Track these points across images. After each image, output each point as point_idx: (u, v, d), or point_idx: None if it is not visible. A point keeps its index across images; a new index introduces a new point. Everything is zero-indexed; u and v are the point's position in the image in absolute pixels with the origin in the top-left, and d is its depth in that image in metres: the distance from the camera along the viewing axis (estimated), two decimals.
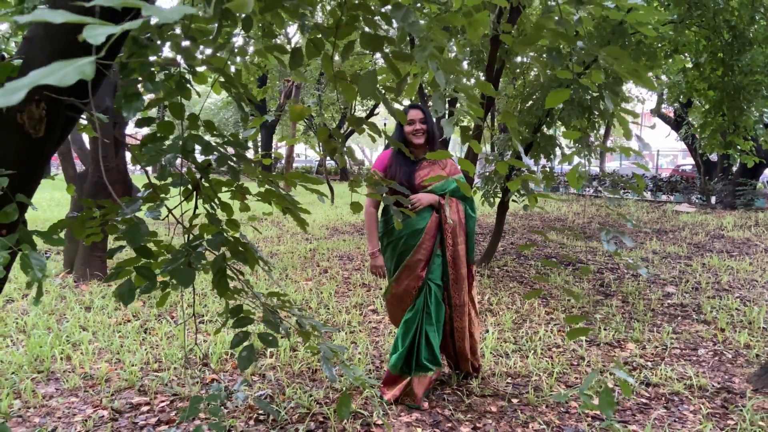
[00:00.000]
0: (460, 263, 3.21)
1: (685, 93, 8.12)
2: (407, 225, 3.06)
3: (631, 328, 4.60)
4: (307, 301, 5.19)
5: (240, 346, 2.11)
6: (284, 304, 2.28)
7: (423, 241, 3.09)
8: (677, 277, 6.63)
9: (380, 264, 3.15)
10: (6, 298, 5.09)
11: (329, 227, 10.34)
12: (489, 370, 3.64)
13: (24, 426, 2.88)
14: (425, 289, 3.13)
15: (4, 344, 3.93)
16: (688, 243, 9.21)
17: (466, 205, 3.24)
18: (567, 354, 4.02)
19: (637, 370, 3.73)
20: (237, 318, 2.14)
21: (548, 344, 4.21)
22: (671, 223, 11.92)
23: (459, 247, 3.19)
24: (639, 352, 4.10)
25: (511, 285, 6.09)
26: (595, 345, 4.28)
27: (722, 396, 3.36)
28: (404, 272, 3.12)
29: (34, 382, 3.36)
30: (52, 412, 3.03)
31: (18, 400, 3.13)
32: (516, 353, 3.98)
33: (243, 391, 3.14)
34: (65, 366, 3.61)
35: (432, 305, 3.12)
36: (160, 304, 2.25)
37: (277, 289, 5.47)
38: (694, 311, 5.20)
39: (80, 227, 1.93)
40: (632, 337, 4.40)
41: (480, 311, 5.03)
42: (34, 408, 3.07)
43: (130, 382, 3.36)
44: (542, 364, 3.75)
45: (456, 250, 3.18)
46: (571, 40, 1.73)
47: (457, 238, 3.16)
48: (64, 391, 3.28)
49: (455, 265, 3.20)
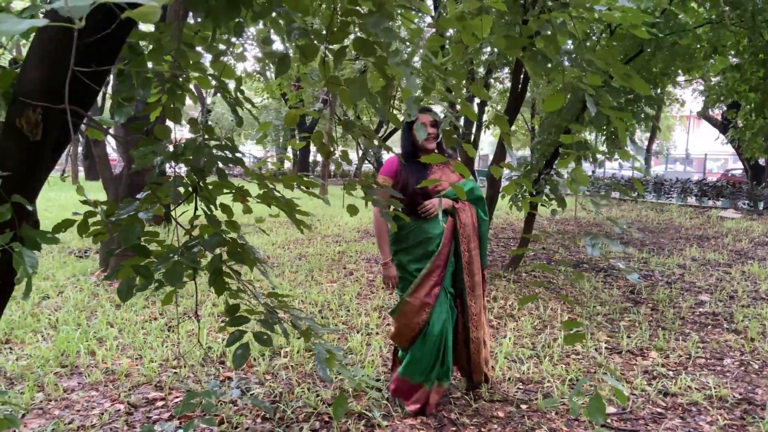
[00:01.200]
0: (475, 269, 3.14)
1: (725, 95, 7.87)
2: (421, 231, 3.03)
3: (656, 337, 4.49)
4: (328, 303, 5.24)
5: (235, 345, 2.15)
6: (282, 305, 2.32)
7: (442, 247, 3.02)
8: (713, 285, 6.43)
9: (393, 274, 3.07)
10: (43, 294, 5.31)
11: (360, 230, 10.41)
12: (501, 375, 3.62)
13: (43, 418, 3.01)
14: (445, 295, 3.08)
15: (35, 339, 4.11)
16: (730, 250, 8.91)
17: (478, 209, 3.19)
18: (585, 361, 3.96)
19: (656, 379, 3.64)
20: (233, 317, 2.19)
21: (567, 351, 4.15)
22: (714, 229, 11.55)
23: (473, 252, 3.13)
24: (661, 360, 4.00)
25: (537, 290, 6.01)
26: (616, 353, 4.20)
27: (742, 407, 3.25)
28: (423, 282, 3.02)
29: (58, 376, 3.50)
30: (71, 405, 3.15)
31: (41, 393, 3.27)
32: (531, 359, 3.93)
33: (239, 389, 3.19)
34: (89, 361, 3.75)
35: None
36: (166, 302, 2.32)
37: (276, 290, 5.54)
38: (725, 320, 5.03)
39: (84, 227, 2.01)
40: (656, 346, 4.29)
41: (500, 316, 4.99)
42: (54, 401, 3.20)
43: (148, 378, 3.46)
44: (557, 371, 3.70)
45: (471, 255, 3.12)
46: (554, 43, 1.71)
47: (471, 243, 3.10)
48: (86, 385, 3.41)
49: (471, 272, 3.13)
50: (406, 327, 3.04)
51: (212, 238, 2.06)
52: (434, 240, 3.02)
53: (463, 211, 3.10)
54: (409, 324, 3.03)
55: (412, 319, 3.01)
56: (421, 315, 3.00)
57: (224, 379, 3.50)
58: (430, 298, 3.01)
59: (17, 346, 4.01)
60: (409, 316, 3.02)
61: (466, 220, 3.08)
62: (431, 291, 3.01)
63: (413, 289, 3.01)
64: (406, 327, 3.04)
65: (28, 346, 3.96)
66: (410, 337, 3.05)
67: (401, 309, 3.04)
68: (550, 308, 5.28)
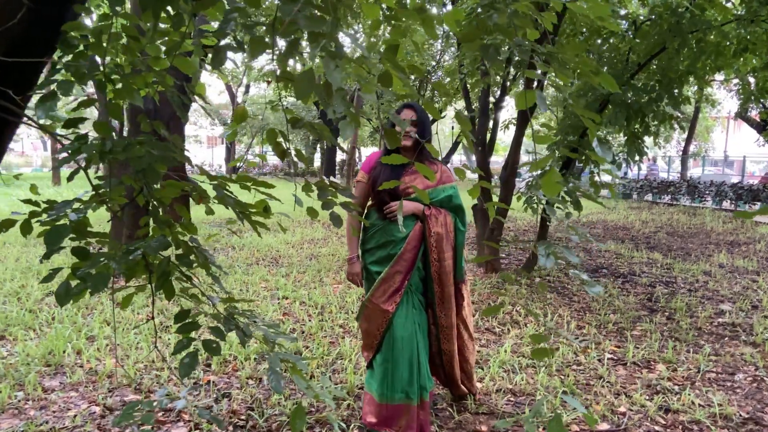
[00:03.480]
0: (446, 280, 2.94)
1: (755, 96, 7.51)
2: (386, 233, 2.88)
3: (666, 348, 4.27)
4: (329, 305, 5.14)
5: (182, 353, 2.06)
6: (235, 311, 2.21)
7: (403, 252, 2.85)
8: (738, 294, 6.13)
9: (357, 271, 2.95)
10: (48, 291, 5.34)
11: None
12: (492, 385, 3.46)
13: (18, 418, 2.97)
14: (412, 303, 2.92)
15: (27, 336, 4.11)
16: (761, 257, 8.53)
17: (456, 218, 2.98)
18: (586, 373, 3.77)
19: (658, 394, 3.44)
20: (182, 324, 2.10)
21: (567, 361, 3.96)
22: (747, 234, 11.10)
23: (445, 263, 2.92)
24: (668, 374, 3.78)
25: (549, 296, 5.81)
26: (621, 364, 3.99)
27: (748, 427, 3.03)
28: (381, 285, 2.86)
29: (41, 375, 3.48)
30: (48, 406, 3.12)
31: (21, 392, 3.24)
32: (527, 369, 3.76)
33: (186, 398, 3.10)
34: (75, 360, 3.72)
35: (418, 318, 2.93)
36: (124, 305, 2.26)
37: (227, 295, 5.46)
38: (744, 332, 4.77)
39: (27, 226, 1.94)
40: (664, 358, 4.07)
41: (504, 322, 4.82)
42: (33, 401, 3.16)
43: (128, 380, 3.41)
44: (552, 382, 3.52)
45: (441, 265, 2.91)
46: (508, 35, 1.57)
47: (444, 254, 2.90)
48: (66, 385, 3.38)
49: (441, 282, 2.94)
50: (367, 333, 2.90)
51: (156, 241, 1.97)
52: (398, 244, 2.86)
53: (435, 218, 2.89)
54: (369, 329, 2.88)
55: (372, 324, 2.87)
56: (380, 321, 2.83)
57: (206, 382, 3.42)
58: (388, 305, 2.82)
59: (10, 343, 4.02)
60: (368, 320, 2.88)
61: (436, 228, 2.87)
62: (391, 297, 2.83)
63: (371, 292, 2.86)
64: (367, 333, 2.90)
65: (21, 343, 3.96)
66: (373, 343, 2.88)
67: (362, 312, 2.91)
68: (558, 315, 5.08)
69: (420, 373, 2.84)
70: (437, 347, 3.04)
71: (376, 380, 2.85)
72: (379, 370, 2.85)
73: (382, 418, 2.81)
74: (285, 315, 4.86)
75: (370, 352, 2.94)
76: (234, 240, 8.69)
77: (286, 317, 4.79)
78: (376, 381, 2.86)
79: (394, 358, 2.82)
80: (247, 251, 7.84)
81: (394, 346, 2.82)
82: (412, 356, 2.84)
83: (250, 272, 6.45)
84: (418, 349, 2.86)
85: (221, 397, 3.21)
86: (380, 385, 2.82)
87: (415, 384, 2.81)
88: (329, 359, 3.81)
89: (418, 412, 2.82)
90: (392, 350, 2.83)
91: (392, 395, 2.80)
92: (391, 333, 2.84)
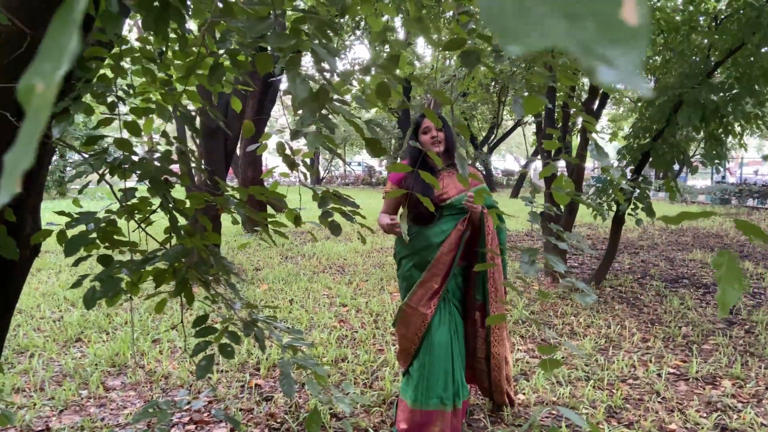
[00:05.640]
0: (499, 277, 2.97)
1: None
2: (424, 238, 2.91)
3: (736, 362, 3.98)
4: (383, 313, 5.18)
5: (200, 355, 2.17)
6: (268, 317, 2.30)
7: (440, 256, 2.86)
8: None
9: (396, 223, 2.86)
10: (126, 298, 5.71)
11: None
12: (537, 397, 3.37)
13: (79, 414, 3.22)
14: (448, 308, 2.95)
15: (100, 339, 4.43)
16: None
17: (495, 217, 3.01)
18: (641, 387, 3.58)
19: (718, 412, 3.22)
20: (200, 328, 2.21)
21: (624, 375, 3.78)
22: None
23: (497, 260, 2.96)
24: (733, 391, 3.53)
25: (617, 307, 5.57)
26: (683, 379, 3.77)
27: None
28: (419, 289, 2.88)
29: (105, 375, 3.74)
30: (107, 404, 3.35)
31: (85, 391, 3.51)
32: (577, 382, 3.63)
33: (186, 398, 3.21)
34: (139, 361, 3.98)
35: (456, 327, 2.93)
36: (158, 310, 2.40)
37: (251, 302, 5.54)
38: None
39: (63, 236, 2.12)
40: (732, 374, 3.80)
41: (561, 334, 4.67)
42: (94, 398, 3.41)
43: (182, 381, 3.61)
44: (598, 396, 3.38)
45: (495, 263, 2.95)
46: (487, 39, 1.56)
47: (496, 250, 2.94)
48: (127, 384, 3.61)
49: (494, 280, 2.96)
50: (404, 338, 2.90)
51: (174, 249, 2.09)
52: (434, 249, 2.87)
53: (487, 217, 2.91)
54: (407, 334, 2.88)
55: (409, 329, 2.87)
56: (419, 325, 2.84)
57: (252, 386, 3.56)
58: (426, 308, 2.84)
59: (85, 345, 4.35)
60: (406, 325, 2.89)
61: (489, 224, 2.91)
62: (429, 301, 2.85)
63: (409, 296, 2.87)
64: (404, 338, 2.90)
65: (93, 344, 4.27)
66: (410, 349, 2.89)
67: (400, 318, 2.92)
68: (622, 326, 4.86)
69: (455, 379, 2.84)
70: (485, 352, 3.02)
71: (411, 386, 2.86)
72: (415, 376, 2.86)
73: (415, 425, 2.81)
74: (341, 322, 4.96)
75: (406, 359, 2.96)
76: (306, 248, 8.93)
77: (341, 324, 4.88)
78: (410, 387, 2.87)
79: (430, 364, 2.82)
80: (316, 260, 8.04)
81: (432, 351, 2.83)
82: (448, 362, 2.84)
83: (315, 280, 6.61)
84: (453, 356, 2.86)
85: (263, 401, 3.33)
86: (414, 390, 2.83)
87: (450, 390, 2.81)
88: (374, 366, 3.85)
89: (452, 420, 2.81)
90: (429, 355, 2.84)
91: (426, 401, 2.80)
92: (429, 339, 2.85)
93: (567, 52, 0.26)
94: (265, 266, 7.48)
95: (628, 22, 0.26)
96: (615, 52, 0.26)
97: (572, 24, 0.26)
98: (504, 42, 0.26)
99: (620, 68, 0.25)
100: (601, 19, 0.26)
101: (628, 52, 0.26)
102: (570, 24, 0.26)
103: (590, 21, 0.26)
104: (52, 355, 4.11)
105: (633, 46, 0.26)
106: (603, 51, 0.26)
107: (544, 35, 0.25)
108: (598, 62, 0.26)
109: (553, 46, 0.25)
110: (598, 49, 0.26)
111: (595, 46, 0.26)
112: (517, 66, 4.05)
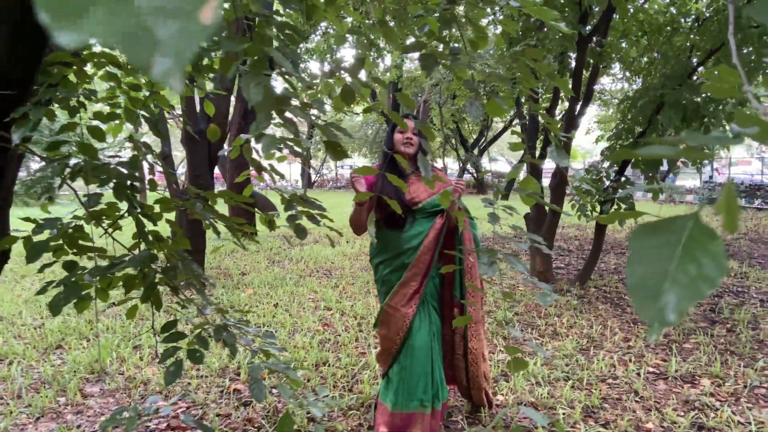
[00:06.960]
0: (475, 273, 3.00)
1: None
2: (402, 241, 2.92)
3: (715, 362, 4.00)
4: (367, 316, 5.18)
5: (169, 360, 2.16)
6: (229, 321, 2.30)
7: (420, 255, 2.87)
8: None
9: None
10: (109, 302, 5.68)
11: None
12: (515, 398, 3.37)
13: (56, 422, 3.20)
14: (427, 308, 2.95)
15: (80, 345, 4.40)
16: None
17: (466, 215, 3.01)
18: (620, 387, 3.60)
19: (695, 411, 3.24)
20: (169, 333, 2.20)
21: (603, 375, 3.79)
22: None
23: (470, 256, 2.97)
24: (711, 389, 3.55)
25: (600, 307, 5.59)
26: (662, 379, 3.78)
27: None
28: (399, 290, 2.88)
29: (84, 382, 3.72)
30: (84, 411, 3.33)
31: (63, 398, 3.48)
32: (556, 382, 3.64)
33: (158, 405, 3.20)
34: (119, 368, 3.95)
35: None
36: (129, 316, 2.40)
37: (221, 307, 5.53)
38: None
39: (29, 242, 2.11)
40: (711, 372, 3.82)
41: (543, 334, 4.69)
42: (71, 405, 3.39)
43: (160, 387, 3.59)
44: (577, 396, 3.39)
45: (469, 260, 2.97)
46: (443, 41, 1.57)
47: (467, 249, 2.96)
48: (105, 391, 3.59)
49: (472, 275, 2.99)
50: (386, 338, 2.90)
51: (141, 254, 2.08)
52: (412, 252, 2.87)
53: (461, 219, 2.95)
54: (388, 335, 2.88)
55: (391, 329, 2.87)
56: (400, 325, 2.84)
57: (232, 391, 3.54)
58: (408, 308, 2.84)
59: (66, 351, 4.32)
60: (387, 326, 2.89)
61: (465, 222, 2.94)
62: (410, 301, 2.85)
63: (390, 297, 2.87)
64: (386, 338, 2.90)
65: (73, 351, 4.25)
66: (392, 349, 2.88)
67: (381, 319, 2.93)
68: (604, 326, 4.88)
69: (434, 381, 2.85)
70: (463, 348, 3.04)
71: (392, 390, 2.86)
72: (395, 380, 2.86)
73: (395, 428, 2.81)
74: (324, 326, 4.95)
75: (387, 360, 2.96)
76: (294, 252, 8.92)
77: (324, 328, 4.87)
78: (391, 391, 2.87)
79: (411, 367, 2.83)
80: (303, 263, 8.02)
81: (413, 354, 2.84)
82: (428, 365, 2.85)
83: (301, 284, 6.60)
84: (433, 358, 2.87)
85: (241, 406, 3.32)
86: (395, 394, 2.84)
87: (429, 392, 2.82)
88: (354, 369, 3.84)
89: (430, 421, 2.81)
90: (410, 358, 2.84)
91: (407, 404, 2.81)
92: (410, 341, 2.86)
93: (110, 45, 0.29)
94: (251, 270, 7.46)
95: (204, 23, 0.28)
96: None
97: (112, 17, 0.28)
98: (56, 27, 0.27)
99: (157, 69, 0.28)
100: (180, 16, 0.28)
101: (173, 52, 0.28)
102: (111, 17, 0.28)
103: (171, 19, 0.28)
104: (31, 362, 4.09)
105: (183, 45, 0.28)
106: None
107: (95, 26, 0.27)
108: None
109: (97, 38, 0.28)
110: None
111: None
112: (480, 71, 4.06)
